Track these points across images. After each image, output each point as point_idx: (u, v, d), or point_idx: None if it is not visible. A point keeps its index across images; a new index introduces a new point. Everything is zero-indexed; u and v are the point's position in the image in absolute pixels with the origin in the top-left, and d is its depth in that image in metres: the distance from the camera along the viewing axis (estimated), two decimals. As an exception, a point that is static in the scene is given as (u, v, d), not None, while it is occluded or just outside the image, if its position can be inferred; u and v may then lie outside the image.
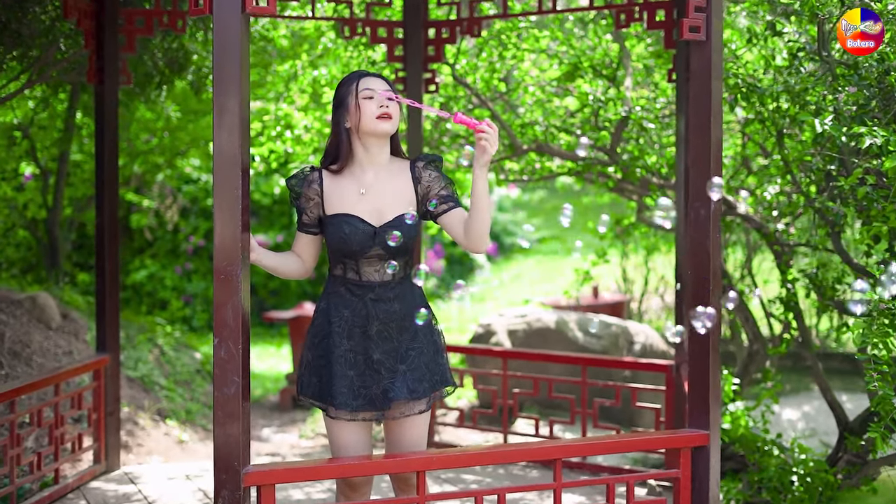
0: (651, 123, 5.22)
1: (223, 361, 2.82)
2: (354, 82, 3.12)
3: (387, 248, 3.08)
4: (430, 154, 3.22)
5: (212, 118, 2.98)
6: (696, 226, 3.33)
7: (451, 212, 3.14)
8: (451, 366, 3.29)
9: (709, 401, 3.33)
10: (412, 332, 3.12)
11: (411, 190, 3.16)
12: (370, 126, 3.09)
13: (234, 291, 2.81)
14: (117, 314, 4.80)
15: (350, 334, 3.10)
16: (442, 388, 3.16)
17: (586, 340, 6.54)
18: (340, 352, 3.09)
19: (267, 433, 6.67)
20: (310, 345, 3.19)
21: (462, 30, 5.08)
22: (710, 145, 3.28)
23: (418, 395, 3.08)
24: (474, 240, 3.08)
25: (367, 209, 3.11)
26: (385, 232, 3.07)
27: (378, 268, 3.11)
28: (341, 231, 3.07)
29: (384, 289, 3.11)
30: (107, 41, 4.68)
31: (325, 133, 6.16)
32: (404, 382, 3.07)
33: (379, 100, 3.09)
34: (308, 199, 3.15)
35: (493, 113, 5.56)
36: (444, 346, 3.22)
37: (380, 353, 3.09)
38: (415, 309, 3.13)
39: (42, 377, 4.32)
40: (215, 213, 2.80)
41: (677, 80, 4.58)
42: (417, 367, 3.10)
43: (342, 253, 3.10)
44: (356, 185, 3.14)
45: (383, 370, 3.08)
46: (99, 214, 4.75)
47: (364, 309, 3.10)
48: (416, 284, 3.18)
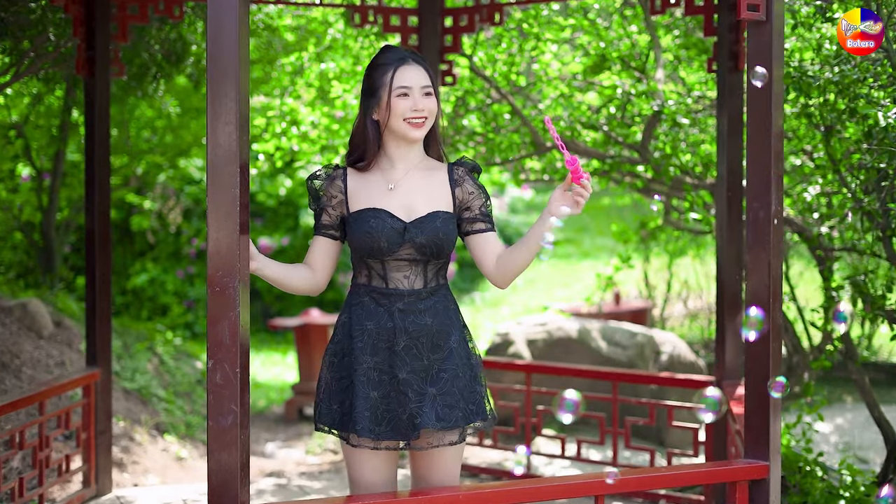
0: (685, 118, 4.83)
1: (219, 387, 2.43)
2: (391, 72, 2.72)
3: (418, 248, 2.70)
4: (471, 161, 2.83)
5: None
6: (754, 229, 2.95)
7: (486, 234, 2.78)
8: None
9: (769, 428, 2.95)
10: (446, 351, 2.72)
11: (448, 192, 2.78)
12: (398, 129, 2.72)
13: (230, 306, 2.43)
14: (109, 324, 4.43)
15: (374, 350, 2.71)
16: (478, 420, 2.75)
17: (610, 350, 6.15)
18: (363, 370, 2.69)
19: (271, 448, 6.29)
20: (328, 364, 2.79)
21: (481, 18, 4.70)
22: (771, 138, 2.91)
23: (448, 424, 2.67)
24: (505, 276, 2.73)
25: (397, 205, 2.73)
26: (416, 228, 2.69)
27: (408, 273, 2.72)
28: (367, 225, 2.69)
29: (415, 299, 2.72)
30: (97, 29, 4.31)
31: (332, 130, 5.78)
32: (433, 408, 2.67)
33: (414, 101, 2.70)
34: (331, 196, 2.77)
35: (513, 108, 5.18)
36: (481, 372, 2.82)
37: (407, 372, 2.69)
38: (449, 325, 2.74)
39: (24, 395, 3.94)
40: (209, 214, 2.42)
41: (718, 71, 4.19)
42: (450, 392, 2.69)
43: (368, 253, 2.70)
44: (384, 181, 2.76)
45: (410, 392, 2.68)
46: (89, 217, 4.38)
47: (390, 321, 2.71)
48: (450, 297, 2.79)
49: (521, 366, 4.78)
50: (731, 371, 4.21)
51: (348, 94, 5.66)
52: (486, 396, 2.81)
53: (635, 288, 8.91)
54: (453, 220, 2.75)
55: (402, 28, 4.75)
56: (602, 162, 5.24)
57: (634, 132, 5.06)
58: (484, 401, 2.79)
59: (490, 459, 5.43)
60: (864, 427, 6.68)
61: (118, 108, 7.41)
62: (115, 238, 10.47)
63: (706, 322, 8.26)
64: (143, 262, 10.34)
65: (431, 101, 2.73)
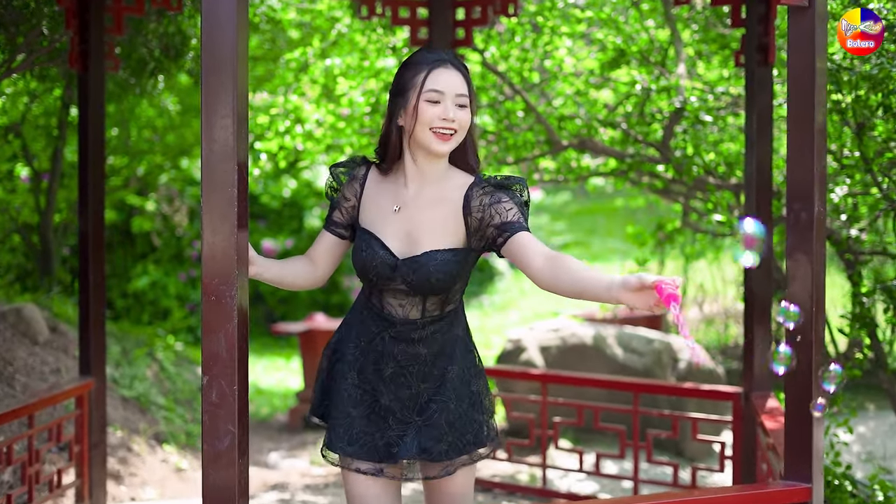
0: (708, 116, 4.60)
1: (214, 406, 2.21)
2: (424, 73, 2.41)
3: (410, 286, 2.45)
4: (495, 177, 2.48)
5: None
6: (795, 232, 2.72)
7: (515, 237, 2.38)
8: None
9: (811, 448, 2.72)
10: (438, 381, 2.50)
11: (459, 220, 2.45)
12: (422, 139, 2.42)
13: (227, 316, 2.20)
14: (103, 331, 4.21)
15: (362, 368, 2.52)
16: (475, 451, 2.53)
17: (627, 358, 5.92)
18: (346, 385, 2.52)
19: (274, 459, 6.06)
20: (327, 357, 2.64)
21: (495, 9, 4.47)
22: (814, 133, 2.68)
23: (430, 456, 2.46)
24: (555, 285, 2.29)
25: (395, 232, 2.47)
26: (407, 267, 2.43)
27: (403, 302, 2.49)
28: (360, 253, 2.48)
29: (408, 328, 2.49)
30: (91, 21, 4.09)
31: (339, 129, 5.55)
32: (416, 438, 2.46)
33: (445, 108, 2.39)
34: (345, 198, 2.55)
35: (527, 104, 4.95)
36: (486, 396, 2.59)
37: (390, 400, 2.49)
38: (448, 355, 2.51)
39: (12, 408, 3.72)
40: (203, 216, 2.20)
41: (746, 65, 3.96)
42: (436, 425, 2.47)
43: (361, 276, 2.51)
44: (394, 198, 2.50)
45: (391, 419, 2.49)
46: (83, 218, 4.16)
47: (381, 345, 2.50)
48: (458, 322, 2.55)
49: (537, 375, 4.55)
50: (760, 382, 3.98)
51: (354, 91, 5.44)
52: (487, 422, 2.57)
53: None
54: (457, 258, 2.43)
55: (412, 20, 4.53)
56: (620, 161, 5.00)
57: (655, 130, 4.82)
58: (483, 427, 2.55)
59: (503, 472, 5.21)
60: (887, 435, 6.45)
61: (117, 106, 7.20)
62: (116, 240, 10.25)
63: (722, 327, 8.02)
64: (145, 265, 10.12)
65: (465, 113, 2.42)
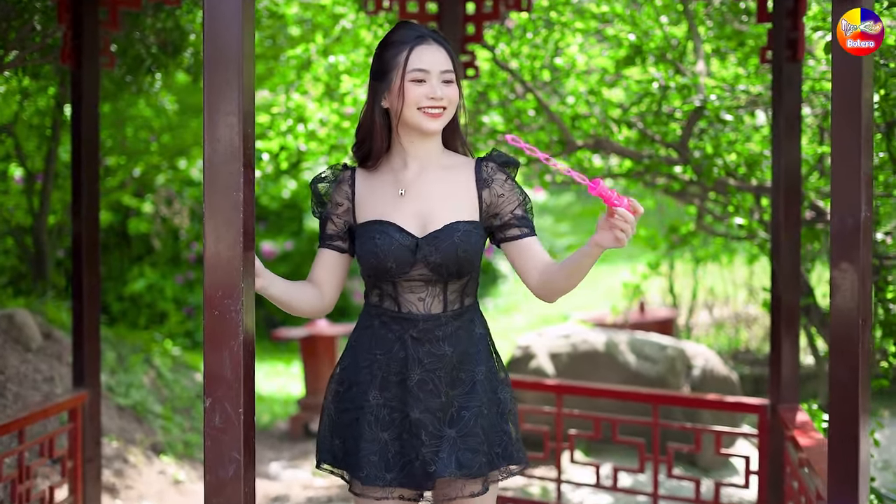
0: (728, 115, 4.41)
1: (217, 432, 2.01)
2: (405, 52, 2.28)
3: (433, 268, 2.28)
4: (504, 154, 2.38)
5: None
6: (840, 239, 2.53)
7: (522, 241, 2.34)
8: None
9: (857, 467, 2.53)
10: (468, 385, 2.31)
11: (473, 194, 2.34)
12: (411, 119, 2.29)
13: (231, 333, 2.01)
14: (98, 341, 4.01)
15: (384, 384, 2.31)
16: (506, 466, 2.34)
17: (640, 365, 5.73)
18: (370, 407, 2.30)
19: (275, 469, 5.87)
20: (333, 393, 2.39)
21: (507, 4, 4.28)
22: (861, 131, 2.49)
23: (471, 472, 2.26)
24: (551, 293, 2.33)
25: (408, 214, 2.31)
26: (430, 245, 2.27)
27: (423, 295, 2.30)
28: (372, 243, 2.28)
29: (431, 325, 2.30)
30: (85, 15, 3.89)
31: (343, 129, 5.35)
32: (452, 453, 2.25)
33: (431, 87, 2.27)
34: (336, 204, 2.36)
35: (539, 102, 4.76)
36: (512, 407, 2.39)
37: (420, 411, 2.28)
38: (473, 356, 2.32)
39: (2, 423, 3.51)
40: (206, 223, 2.00)
41: (774, 61, 3.77)
42: (472, 434, 2.27)
43: (375, 273, 2.30)
44: (394, 185, 2.34)
45: (424, 434, 2.27)
46: (77, 221, 3.96)
47: (403, 350, 2.30)
48: (478, 320, 2.37)
49: (552, 386, 4.35)
50: (787, 393, 3.80)
51: (359, 89, 5.24)
52: (515, 437, 2.39)
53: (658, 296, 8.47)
54: (478, 231, 2.32)
55: (421, 15, 4.34)
56: (636, 162, 4.81)
57: (673, 129, 4.63)
58: (512, 441, 2.37)
59: (514, 485, 5.02)
60: (902, 444, 6.28)
61: (113, 105, 7.00)
62: (113, 242, 10.05)
63: (733, 331, 7.83)
64: (141, 267, 9.92)
65: (452, 89, 2.31)
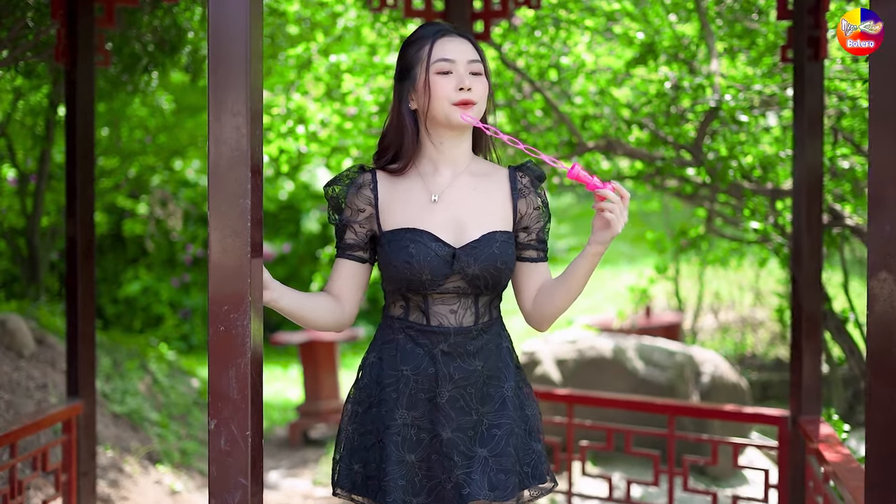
0: (744, 115, 4.28)
1: (223, 455, 1.87)
2: (427, 45, 2.17)
3: (470, 280, 2.14)
4: (537, 167, 2.26)
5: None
6: (877, 247, 2.38)
7: (537, 265, 2.26)
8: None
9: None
10: (498, 402, 2.18)
11: (508, 204, 2.22)
12: (441, 114, 2.15)
13: (238, 350, 1.87)
14: (93, 348, 3.87)
15: (412, 401, 2.16)
16: (536, 486, 2.21)
17: (648, 372, 5.59)
18: (397, 426, 2.15)
19: (274, 478, 5.72)
20: (351, 414, 2.24)
21: (517, 1, 4.15)
22: (901, 134, 2.36)
23: (504, 494, 2.12)
24: (544, 317, 2.25)
25: (442, 222, 2.16)
26: (468, 255, 2.13)
27: (455, 307, 2.16)
28: (405, 252, 2.13)
29: (463, 338, 2.16)
30: (80, 11, 3.75)
31: (345, 130, 5.21)
32: (485, 473, 2.12)
33: (459, 78, 2.14)
34: (357, 210, 2.20)
35: (548, 102, 4.62)
36: (539, 423, 2.27)
37: (452, 431, 2.14)
38: (501, 371, 2.19)
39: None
40: (211, 232, 1.86)
41: (795, 60, 3.64)
42: (504, 453, 2.14)
43: (405, 285, 2.15)
44: (425, 191, 2.19)
45: (456, 455, 2.13)
46: (70, 223, 3.81)
47: (432, 366, 2.16)
48: (504, 333, 2.25)
49: (563, 396, 4.22)
50: (808, 404, 3.66)
51: (362, 89, 5.10)
52: (544, 455, 2.27)
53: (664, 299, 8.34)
54: (512, 242, 2.21)
55: (426, 12, 4.20)
56: (648, 164, 4.68)
57: (687, 130, 4.50)
58: (541, 460, 2.25)
59: (521, 496, 4.88)
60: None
61: (108, 104, 6.85)
62: (107, 244, 9.90)
63: (739, 335, 7.71)
64: (136, 270, 9.77)
65: (481, 82, 2.17)
